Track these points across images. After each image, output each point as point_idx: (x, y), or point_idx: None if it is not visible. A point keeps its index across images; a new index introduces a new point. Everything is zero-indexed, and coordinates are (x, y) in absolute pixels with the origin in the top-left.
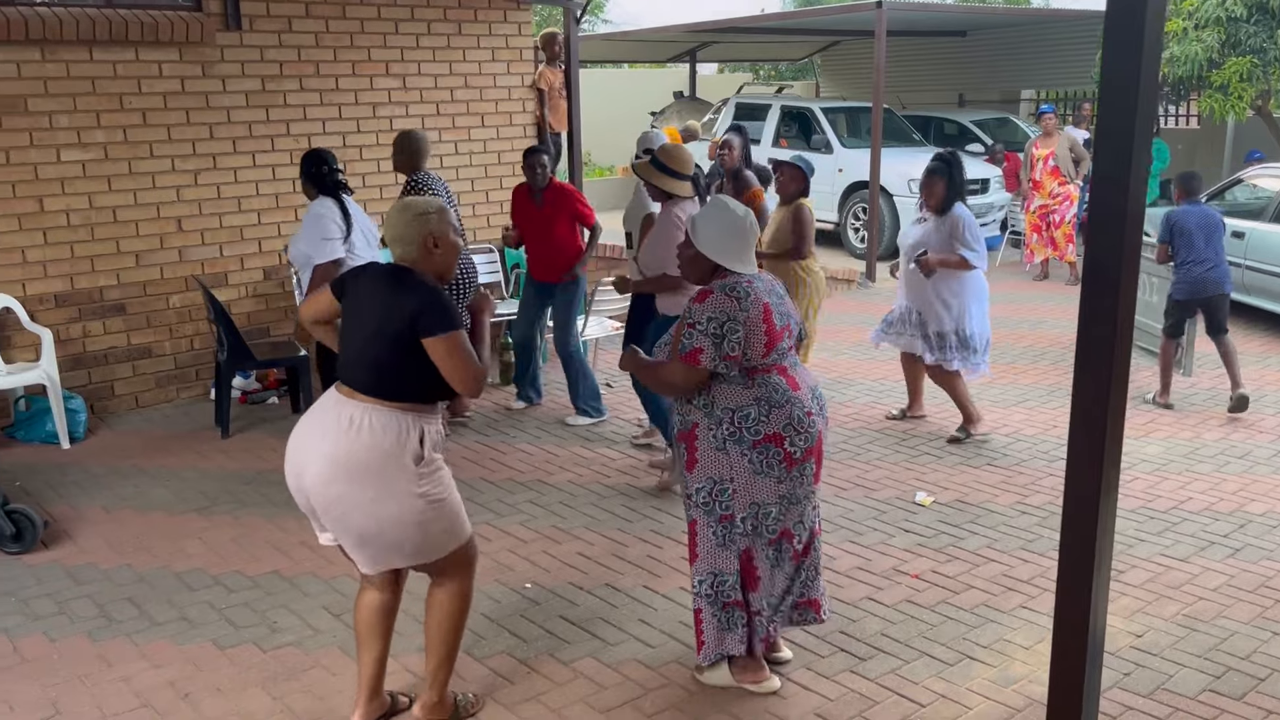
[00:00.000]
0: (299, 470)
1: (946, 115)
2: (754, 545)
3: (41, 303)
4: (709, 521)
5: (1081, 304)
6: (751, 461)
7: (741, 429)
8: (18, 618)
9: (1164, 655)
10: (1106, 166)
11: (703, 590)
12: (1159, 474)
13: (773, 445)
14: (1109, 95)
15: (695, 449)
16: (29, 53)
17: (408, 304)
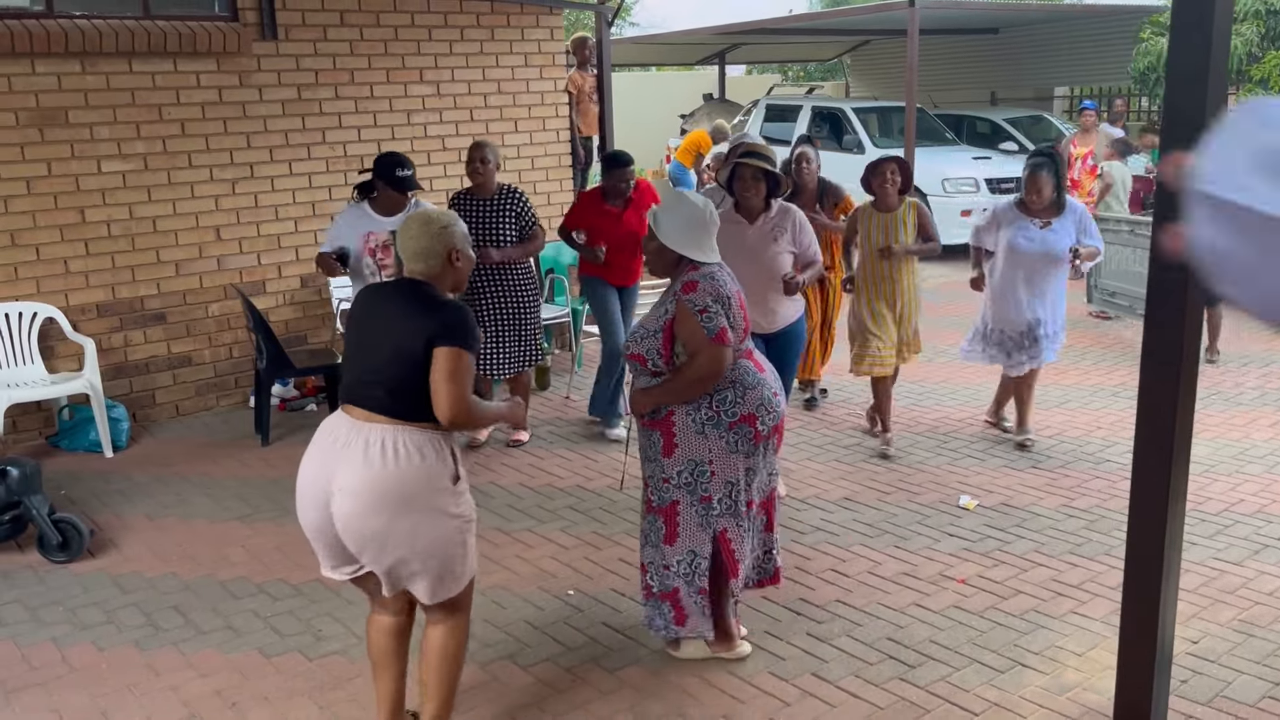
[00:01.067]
0: (319, 503)
1: (979, 114)
2: (729, 524)
3: (84, 313)
4: (691, 501)
5: (1148, 306)
6: (728, 442)
7: (719, 412)
8: (66, 627)
9: (1221, 662)
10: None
11: (680, 570)
12: (1209, 475)
13: (746, 425)
14: (1175, 86)
15: (673, 433)
16: (69, 65)
17: (432, 321)
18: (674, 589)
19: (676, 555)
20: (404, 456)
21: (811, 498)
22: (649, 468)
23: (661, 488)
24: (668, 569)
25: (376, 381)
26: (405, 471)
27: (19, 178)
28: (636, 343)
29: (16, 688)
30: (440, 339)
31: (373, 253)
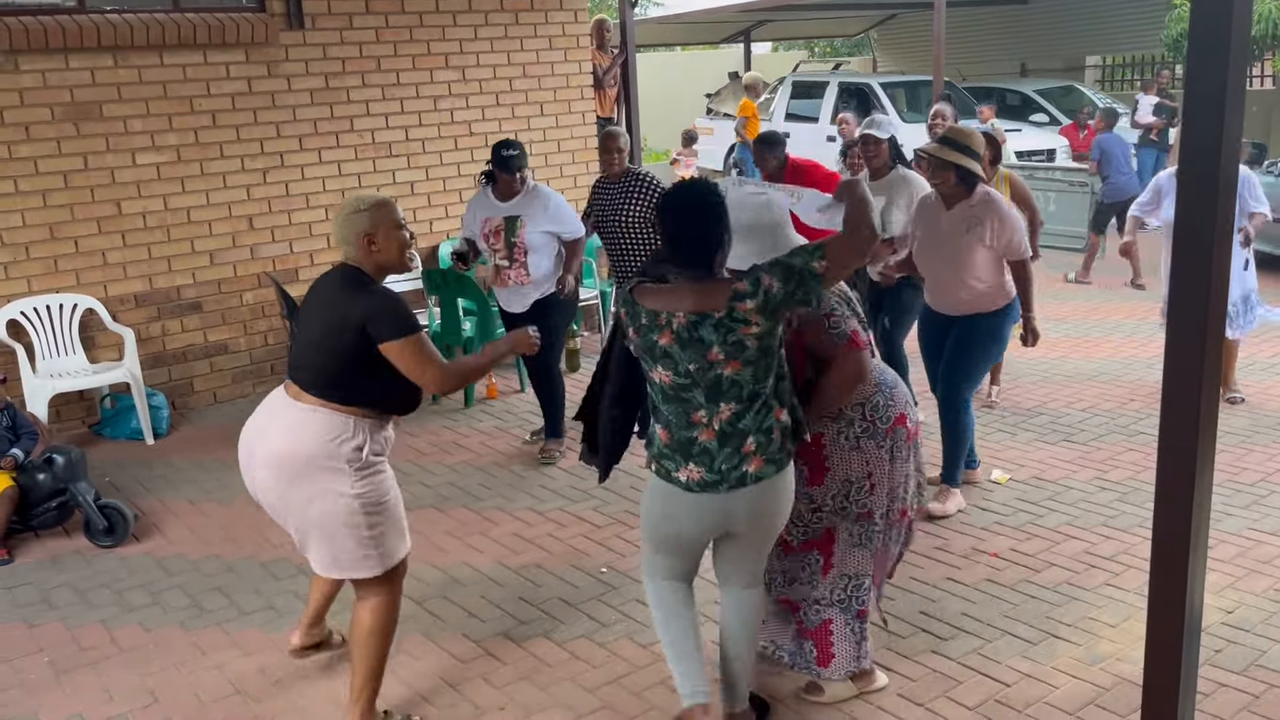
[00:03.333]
0: (247, 470)
1: (1009, 86)
2: (887, 538)
3: (122, 303)
4: (845, 524)
5: (1172, 275)
6: (887, 451)
7: (874, 420)
8: (114, 609)
9: (1256, 631)
10: (1197, 130)
11: (834, 598)
12: (1245, 446)
13: (900, 426)
14: (1197, 55)
15: (823, 457)
16: (102, 59)
17: (354, 312)
18: (824, 621)
19: (831, 585)
20: (308, 434)
21: None
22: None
23: (811, 520)
24: (819, 602)
25: (303, 364)
26: (302, 447)
27: (56, 171)
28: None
29: (68, 668)
30: (380, 335)
31: (486, 238)
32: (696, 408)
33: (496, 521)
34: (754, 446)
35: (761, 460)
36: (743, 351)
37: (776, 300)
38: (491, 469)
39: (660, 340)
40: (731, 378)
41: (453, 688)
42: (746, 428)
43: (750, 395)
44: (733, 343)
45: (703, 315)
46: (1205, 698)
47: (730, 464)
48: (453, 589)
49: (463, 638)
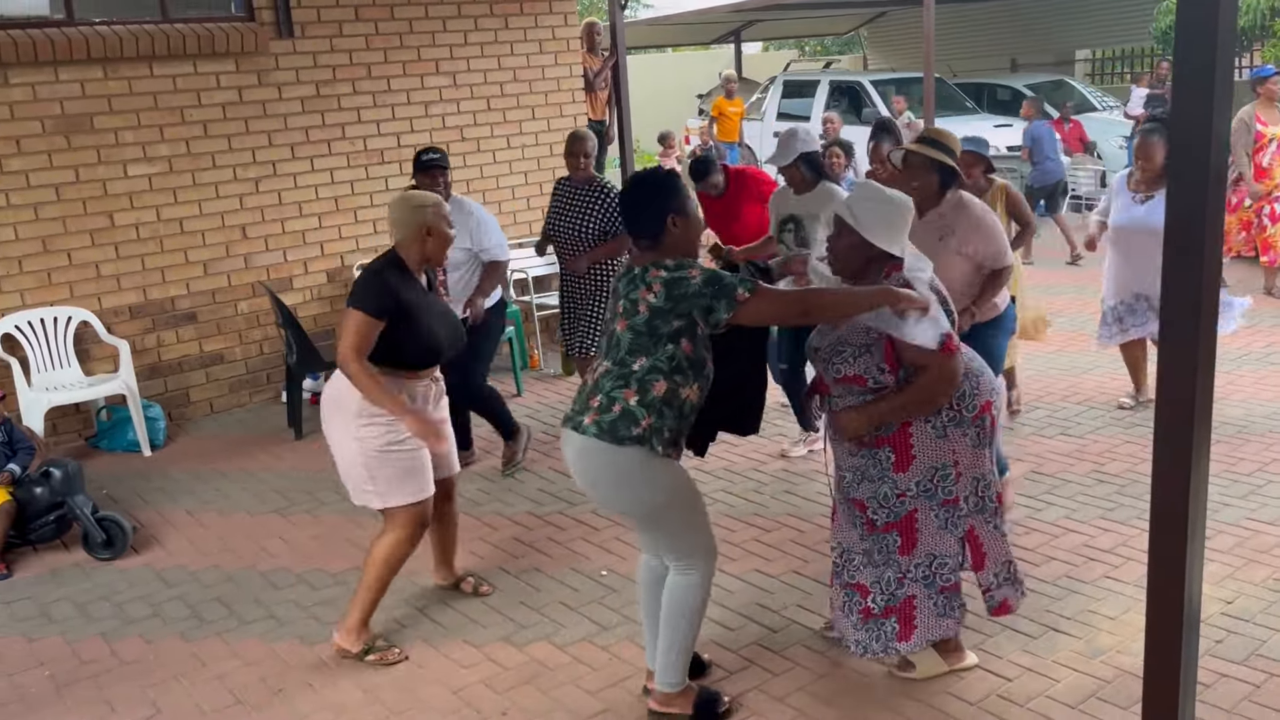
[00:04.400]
0: None
1: (999, 81)
2: (977, 521)
3: (117, 315)
4: (931, 506)
5: (1164, 263)
6: (971, 438)
7: (960, 409)
8: (114, 621)
9: (1256, 621)
10: (1185, 119)
11: (918, 575)
12: (1241, 436)
13: (985, 414)
14: (1185, 46)
15: (910, 445)
16: (92, 71)
17: (357, 280)
18: (908, 598)
19: (914, 561)
20: (338, 383)
21: None
22: (868, 488)
23: (895, 503)
24: (903, 579)
25: None
26: (331, 394)
27: (48, 184)
28: (847, 363)
29: (68, 682)
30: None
31: None
32: (598, 356)
33: (496, 526)
34: (596, 404)
35: (595, 416)
36: (633, 314)
37: (688, 288)
38: (489, 474)
39: (611, 289)
40: (617, 335)
41: (454, 693)
42: (602, 386)
43: (620, 360)
44: (631, 299)
45: (630, 269)
46: (1206, 688)
47: (578, 407)
48: (453, 595)
49: (463, 643)
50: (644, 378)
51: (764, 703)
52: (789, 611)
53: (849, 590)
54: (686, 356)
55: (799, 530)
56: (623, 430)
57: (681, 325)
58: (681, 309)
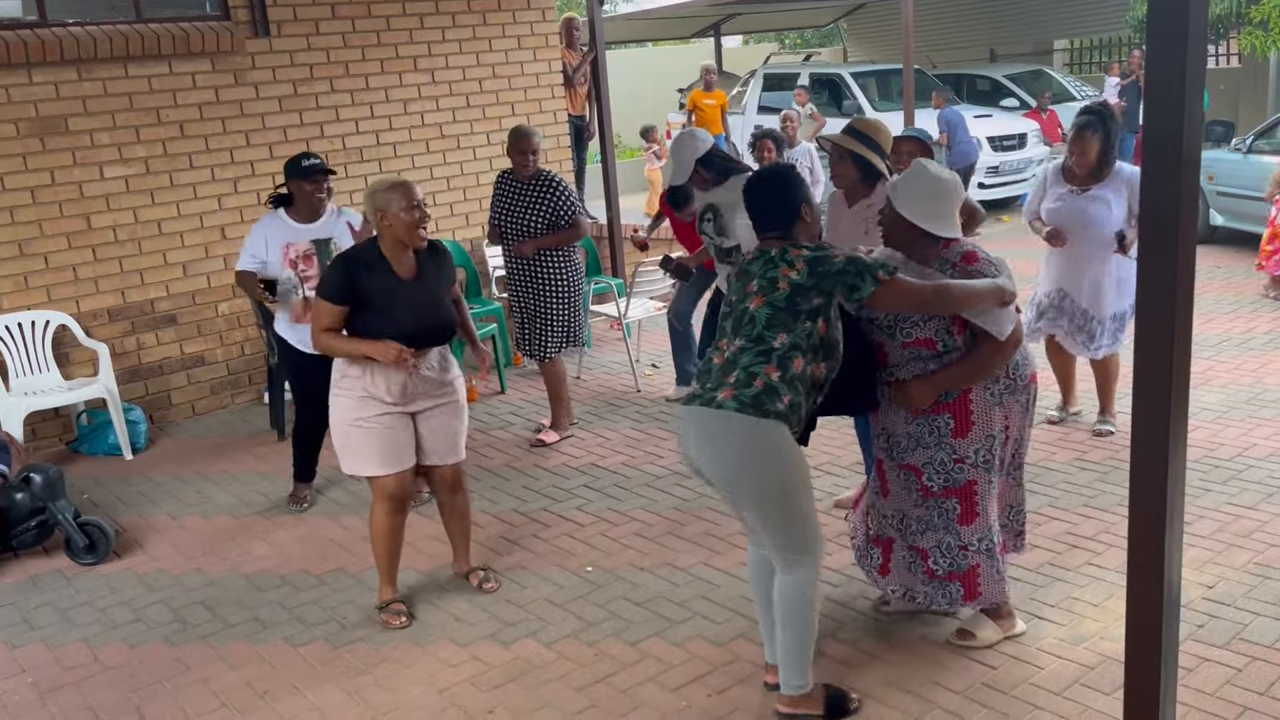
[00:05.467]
0: None
1: (978, 72)
2: (1006, 479)
3: (95, 318)
4: (988, 477)
5: (1140, 256)
6: (1021, 404)
7: (1015, 377)
8: (97, 627)
9: (1237, 605)
10: (1159, 110)
11: (982, 546)
12: (1221, 421)
13: (1033, 383)
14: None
15: (970, 412)
16: (66, 73)
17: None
18: (972, 566)
19: (976, 534)
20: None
21: (825, 464)
22: (923, 454)
23: (953, 469)
24: (965, 549)
25: None
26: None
27: (23, 187)
28: (917, 326)
29: (52, 688)
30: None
31: (294, 264)
32: (723, 335)
33: (480, 524)
34: (733, 379)
35: (731, 392)
36: (772, 291)
37: (832, 266)
38: (474, 472)
39: (733, 276)
40: (751, 313)
41: (440, 693)
42: (739, 362)
43: (758, 337)
44: (769, 277)
45: (762, 251)
46: (1188, 673)
47: (712, 385)
48: (438, 594)
49: (449, 642)
50: (785, 354)
51: (751, 696)
52: None
53: (911, 551)
54: (820, 337)
55: None
56: (767, 404)
57: (821, 304)
58: (824, 285)
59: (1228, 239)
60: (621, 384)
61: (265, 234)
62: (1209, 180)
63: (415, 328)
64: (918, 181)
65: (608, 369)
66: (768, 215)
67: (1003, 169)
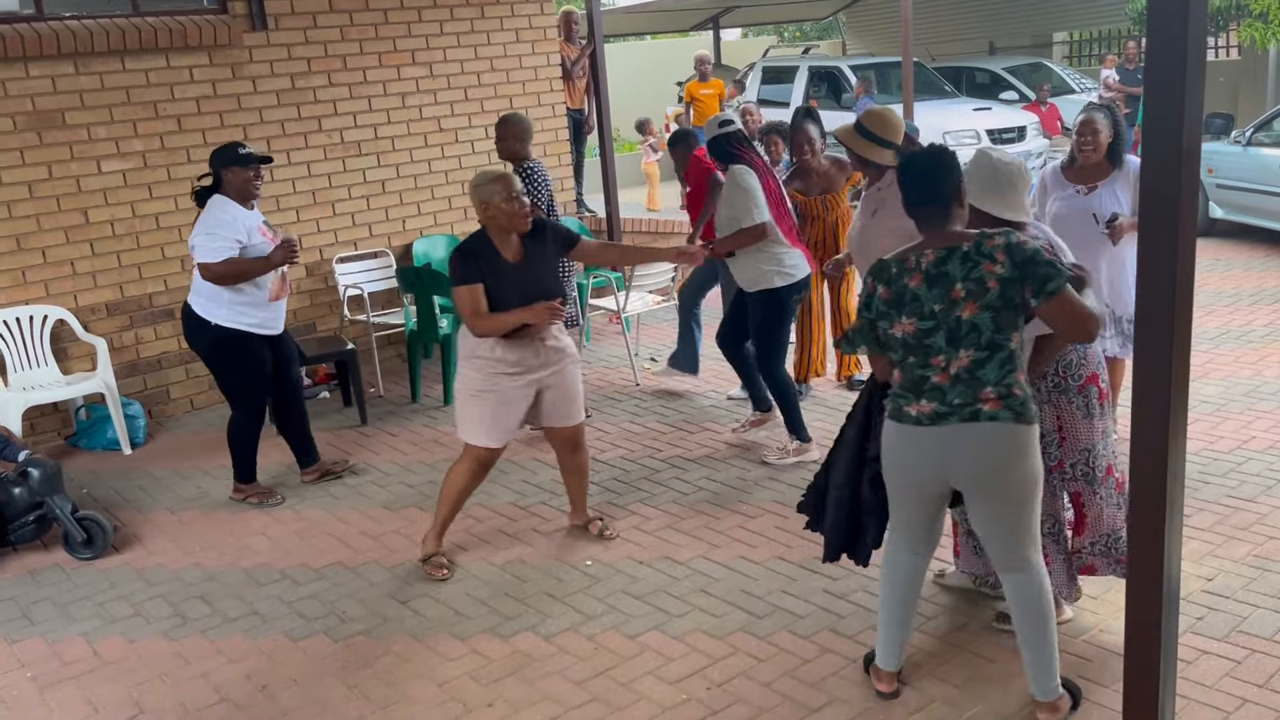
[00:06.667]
0: None
1: (978, 64)
2: (1084, 490)
3: (94, 313)
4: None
5: (1140, 247)
6: (1080, 408)
7: (1065, 377)
8: (95, 621)
9: (1236, 597)
10: (1158, 102)
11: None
12: (1220, 414)
13: (1092, 385)
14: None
15: None
16: (63, 67)
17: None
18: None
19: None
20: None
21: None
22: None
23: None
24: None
25: None
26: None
27: (20, 182)
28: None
29: (51, 683)
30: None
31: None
32: (936, 352)
33: (479, 518)
34: (990, 393)
35: (997, 404)
36: (984, 293)
37: (1029, 252)
38: None
39: (910, 283)
40: (971, 321)
41: (439, 686)
42: (985, 379)
43: (990, 344)
44: (975, 278)
45: (950, 249)
46: (1188, 665)
47: (963, 399)
48: (437, 587)
49: (448, 636)
50: (1019, 354)
51: (750, 688)
52: (773, 598)
53: (970, 535)
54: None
55: (782, 517)
56: (1030, 411)
57: (1023, 295)
58: (1027, 273)
59: (1227, 231)
60: (620, 378)
61: (233, 218)
62: (1208, 173)
63: (524, 305)
64: (982, 170)
65: (606, 363)
66: (935, 192)
67: None
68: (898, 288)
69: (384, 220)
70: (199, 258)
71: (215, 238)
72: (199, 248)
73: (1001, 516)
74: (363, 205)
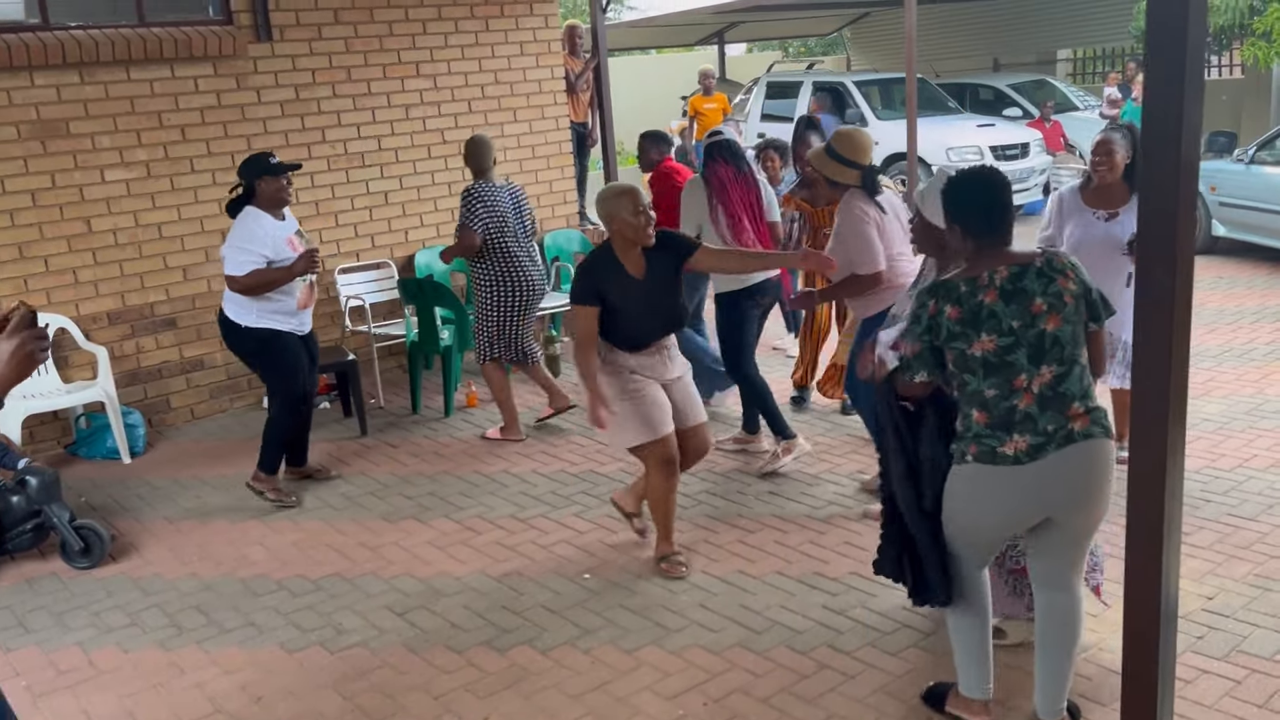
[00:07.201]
0: None
1: (982, 81)
2: None
3: (95, 321)
4: None
5: (1138, 264)
6: None
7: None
8: (91, 630)
9: (1236, 617)
10: (1157, 118)
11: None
12: (1222, 432)
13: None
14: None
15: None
16: (68, 76)
17: None
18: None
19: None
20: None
21: (825, 472)
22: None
23: None
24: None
25: None
26: None
27: (24, 190)
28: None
29: (45, 691)
30: None
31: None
32: (1019, 371)
33: (478, 530)
34: (1080, 410)
35: (1088, 420)
36: (1063, 306)
37: (1084, 276)
38: (472, 478)
39: (985, 299)
40: (1054, 335)
41: (435, 699)
42: (1069, 392)
43: (1070, 358)
44: (1054, 293)
45: (1024, 266)
46: (1187, 685)
47: (1056, 424)
48: (435, 600)
49: (445, 649)
50: (1088, 369)
51: (747, 704)
52: (771, 612)
53: (1013, 575)
54: None
55: (781, 531)
56: (1110, 423)
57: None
58: (1090, 296)
59: (1229, 250)
60: None
61: (264, 232)
62: (1211, 191)
63: (649, 319)
64: (935, 188)
65: None
66: (1003, 220)
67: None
68: (971, 305)
69: (386, 231)
70: (227, 270)
71: (243, 251)
72: (228, 260)
73: (1079, 538)
74: (365, 216)
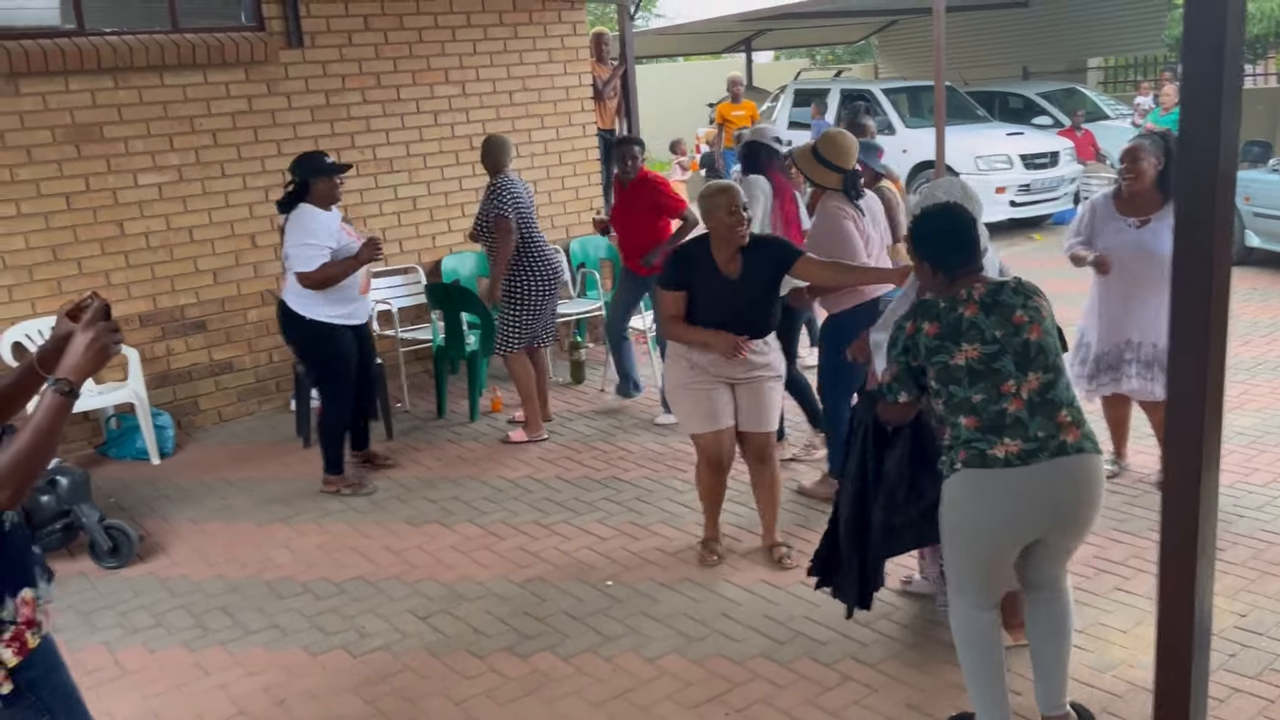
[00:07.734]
0: None
1: (1011, 89)
2: None
3: (126, 323)
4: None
5: (1174, 274)
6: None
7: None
8: (117, 630)
9: (1270, 635)
10: (1194, 126)
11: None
12: (1256, 446)
13: None
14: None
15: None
16: (102, 81)
17: None
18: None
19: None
20: None
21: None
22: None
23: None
24: None
25: None
26: None
27: (58, 194)
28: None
29: None
30: None
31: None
32: (1006, 377)
33: (501, 535)
34: (1069, 418)
35: (1079, 432)
36: (1041, 319)
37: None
38: (496, 482)
39: (965, 313)
40: (1038, 343)
41: (457, 705)
42: (1057, 399)
43: (1055, 366)
44: (1033, 306)
45: (1000, 284)
46: (1219, 703)
47: (1047, 431)
48: (457, 604)
49: (467, 653)
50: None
51: (769, 715)
52: (795, 623)
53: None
54: None
55: (807, 541)
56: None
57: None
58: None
59: (1264, 260)
60: (645, 397)
61: (322, 226)
62: (1245, 201)
63: (730, 323)
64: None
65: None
66: (971, 255)
67: (1035, 187)
68: (950, 320)
69: (414, 236)
70: (296, 268)
71: (310, 248)
72: (296, 258)
73: (1071, 549)
74: (394, 221)
